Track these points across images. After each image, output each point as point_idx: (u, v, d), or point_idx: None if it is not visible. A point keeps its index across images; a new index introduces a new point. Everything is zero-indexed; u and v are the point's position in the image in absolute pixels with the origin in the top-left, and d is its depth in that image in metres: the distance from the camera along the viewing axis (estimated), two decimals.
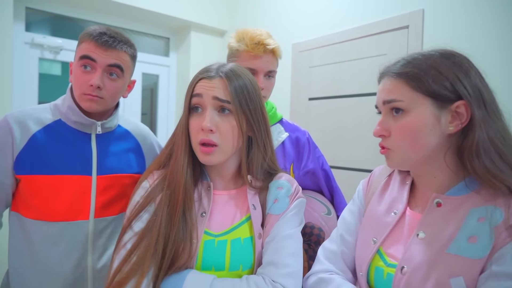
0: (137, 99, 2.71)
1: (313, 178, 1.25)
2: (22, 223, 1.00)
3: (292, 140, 1.22)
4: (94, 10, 2.44)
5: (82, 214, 1.01)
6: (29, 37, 2.19)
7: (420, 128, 0.66)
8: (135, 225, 0.78)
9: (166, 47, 2.93)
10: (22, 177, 0.98)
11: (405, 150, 0.68)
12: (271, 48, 1.12)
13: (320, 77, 2.19)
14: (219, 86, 0.78)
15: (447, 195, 0.68)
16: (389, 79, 0.71)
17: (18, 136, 0.98)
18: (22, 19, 2.18)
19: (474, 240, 0.60)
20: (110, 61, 0.99)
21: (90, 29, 1.00)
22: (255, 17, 2.65)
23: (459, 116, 0.66)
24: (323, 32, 2.17)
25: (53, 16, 2.34)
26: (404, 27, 1.77)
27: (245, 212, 0.83)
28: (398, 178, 0.81)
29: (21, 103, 2.14)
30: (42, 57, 2.25)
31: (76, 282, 1.00)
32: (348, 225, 0.83)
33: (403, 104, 0.68)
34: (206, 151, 0.78)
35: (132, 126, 1.19)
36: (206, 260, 0.77)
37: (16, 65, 2.13)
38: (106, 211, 1.05)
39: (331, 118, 2.13)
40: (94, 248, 1.03)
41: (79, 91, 1.00)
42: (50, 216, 0.99)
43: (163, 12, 2.51)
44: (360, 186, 0.89)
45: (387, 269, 0.70)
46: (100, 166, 1.05)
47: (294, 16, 2.36)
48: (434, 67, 0.67)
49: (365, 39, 1.95)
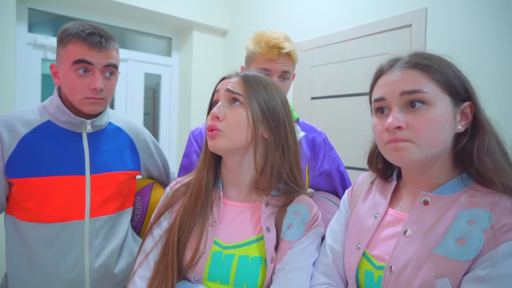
0: (139, 99, 2.71)
1: (328, 179, 1.25)
2: (16, 226, 1.00)
3: (308, 141, 1.22)
4: (96, 11, 2.44)
5: (77, 214, 1.01)
6: (32, 38, 2.20)
7: (442, 123, 0.64)
8: (155, 231, 0.84)
9: (168, 47, 2.93)
10: (14, 180, 0.98)
11: (426, 144, 0.64)
12: (286, 52, 1.13)
13: (322, 76, 2.19)
14: (234, 82, 0.82)
15: (435, 193, 0.67)
16: (406, 69, 0.67)
17: (7, 139, 0.97)
18: (24, 20, 2.19)
19: (462, 242, 0.60)
20: (106, 61, 0.99)
21: (74, 28, 0.97)
22: (257, 17, 2.65)
23: (466, 116, 0.67)
24: (326, 31, 2.16)
25: (55, 17, 2.34)
26: (406, 26, 1.76)
27: (258, 231, 0.81)
28: (380, 183, 0.81)
29: (24, 103, 2.15)
30: (45, 58, 2.26)
31: (74, 282, 1.00)
32: (335, 234, 0.82)
33: (427, 96, 0.64)
34: (210, 135, 0.80)
35: (123, 122, 1.17)
36: (212, 272, 0.77)
37: (19, 66, 2.14)
38: (101, 210, 1.05)
39: (334, 117, 2.12)
40: (91, 247, 1.03)
41: (79, 96, 0.99)
42: (44, 218, 0.98)
43: (165, 12, 2.51)
44: (345, 195, 0.89)
45: (377, 271, 0.69)
46: (93, 165, 1.05)
47: (296, 15, 2.36)
48: (448, 66, 0.67)
49: (367, 38, 1.94)
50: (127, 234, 1.12)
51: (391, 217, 0.72)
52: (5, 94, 1.91)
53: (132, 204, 1.17)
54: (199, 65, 2.79)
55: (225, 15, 2.86)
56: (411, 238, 0.66)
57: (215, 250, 0.79)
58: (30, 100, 2.20)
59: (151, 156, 1.23)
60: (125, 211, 1.12)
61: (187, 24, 2.75)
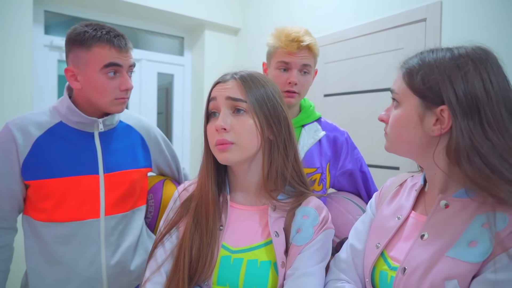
0: (152, 99, 2.74)
1: (350, 179, 1.23)
2: (33, 226, 1.02)
3: (330, 140, 1.20)
4: (110, 12, 2.48)
5: (92, 213, 1.03)
6: (48, 40, 2.25)
7: (404, 123, 0.68)
8: (166, 242, 0.83)
9: (181, 47, 2.95)
10: (30, 182, 1.00)
11: (393, 139, 0.71)
12: (305, 45, 1.11)
13: (335, 73, 2.17)
14: (232, 87, 0.78)
15: (454, 197, 0.67)
16: (399, 70, 0.72)
17: (21, 142, 0.98)
18: (41, 23, 2.24)
19: (474, 244, 0.59)
20: (130, 62, 1.03)
21: (93, 31, 0.97)
22: (269, 14, 2.64)
23: (443, 120, 0.63)
24: (338, 27, 2.14)
25: (70, 19, 2.39)
26: (421, 20, 1.73)
27: (266, 235, 0.79)
28: (409, 186, 0.80)
29: (41, 104, 2.20)
30: (61, 59, 2.30)
31: (92, 279, 1.02)
32: (359, 234, 0.82)
33: (397, 96, 0.70)
34: (221, 148, 0.76)
35: (134, 120, 1.18)
36: (221, 276, 0.77)
37: (36, 67, 2.19)
38: (116, 209, 1.07)
39: (347, 114, 2.10)
40: (107, 245, 1.05)
41: (110, 97, 1.00)
42: (60, 217, 1.00)
43: (177, 12, 2.53)
44: (372, 197, 0.89)
45: (390, 272, 0.69)
46: (106, 164, 1.06)
47: (308, 12, 2.34)
48: (430, 65, 0.65)
49: (381, 34, 1.91)
50: (142, 231, 1.14)
51: (413, 219, 0.72)
52: (24, 95, 1.96)
53: (145, 202, 1.19)
54: (211, 64, 2.80)
55: (237, 14, 2.87)
56: (428, 241, 0.66)
57: (223, 254, 0.78)
58: (47, 100, 2.24)
59: (162, 153, 1.24)
60: (138, 208, 1.14)
61: (199, 23, 2.76)
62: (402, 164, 1.81)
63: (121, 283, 1.07)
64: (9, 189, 0.99)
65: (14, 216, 1.04)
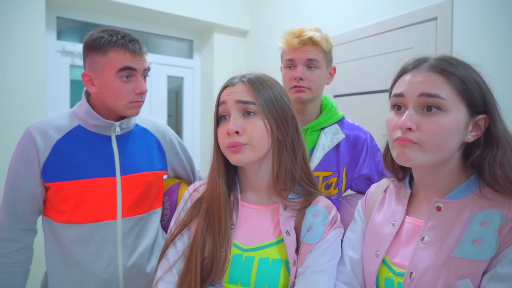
0: (163, 102, 2.76)
1: (368, 182, 1.20)
2: (52, 227, 1.04)
3: (349, 141, 1.17)
4: (120, 17, 2.51)
5: (110, 215, 1.05)
6: (61, 45, 2.29)
7: (452, 131, 0.66)
8: (178, 243, 0.84)
9: (190, 50, 2.98)
10: (50, 184, 1.02)
11: (432, 149, 0.66)
12: (306, 38, 1.09)
13: (344, 74, 2.16)
14: (242, 90, 0.79)
15: (447, 199, 0.69)
16: (430, 72, 0.67)
17: (42, 146, 1.01)
18: (53, 28, 2.28)
19: (479, 243, 0.62)
20: (145, 66, 1.04)
21: (109, 36, 1.00)
22: (277, 16, 2.64)
23: (478, 128, 0.68)
24: (347, 27, 2.13)
25: (82, 24, 2.43)
26: (432, 19, 1.71)
27: (278, 233, 0.80)
28: (393, 191, 0.82)
29: (54, 108, 2.24)
30: (73, 64, 2.34)
31: (109, 281, 1.04)
32: (353, 244, 0.82)
33: (444, 103, 0.65)
34: (234, 149, 0.78)
35: (149, 123, 1.20)
36: (233, 274, 0.78)
37: (50, 72, 2.23)
38: (133, 211, 1.08)
39: (357, 115, 2.08)
40: (123, 247, 1.06)
41: (125, 101, 1.02)
42: (79, 219, 1.02)
43: (186, 15, 2.55)
44: (358, 205, 0.89)
45: (397, 278, 0.70)
46: (123, 166, 1.08)
47: (316, 13, 2.34)
48: (473, 76, 0.67)
49: (390, 33, 1.90)
50: (158, 233, 1.15)
51: (409, 224, 0.73)
52: (37, 100, 1.99)
53: (161, 204, 1.20)
54: (220, 66, 2.82)
55: (245, 16, 2.87)
56: (429, 244, 0.67)
57: (235, 253, 0.79)
58: (60, 105, 2.28)
59: (177, 155, 1.25)
60: (155, 211, 1.15)
61: (208, 26, 2.78)
62: None
63: (137, 285, 1.08)
64: (30, 191, 1.02)
65: (34, 217, 1.07)
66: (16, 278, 1.04)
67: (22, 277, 1.05)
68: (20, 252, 1.04)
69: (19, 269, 1.04)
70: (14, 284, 1.04)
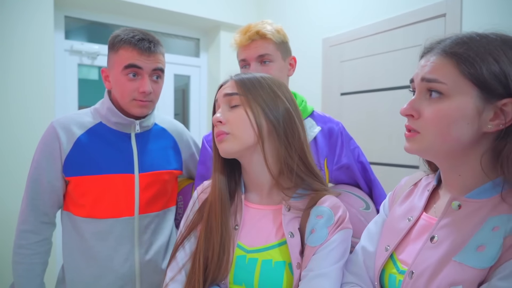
0: (169, 100, 2.77)
1: (348, 172, 1.19)
2: (73, 221, 1.06)
3: (325, 133, 1.16)
4: (127, 15, 2.52)
5: (127, 211, 1.07)
6: (69, 45, 2.30)
7: (456, 118, 0.59)
8: (186, 244, 0.85)
9: (197, 48, 2.98)
10: (71, 178, 1.04)
11: (433, 138, 0.61)
12: (253, 32, 1.07)
13: (352, 71, 2.15)
14: (229, 85, 0.82)
15: (467, 197, 0.63)
16: (436, 55, 0.62)
17: (65, 140, 1.04)
18: (61, 28, 2.29)
19: (482, 249, 0.56)
20: (154, 65, 1.04)
21: (124, 35, 1.03)
22: (284, 13, 2.64)
23: (503, 115, 0.58)
24: (354, 25, 2.12)
25: (89, 23, 2.44)
26: (440, 16, 1.69)
27: (281, 235, 0.79)
28: (422, 186, 0.76)
29: (63, 107, 2.26)
30: (80, 63, 2.36)
31: (125, 276, 1.06)
32: (371, 236, 0.79)
33: (444, 87, 0.59)
34: (219, 139, 0.80)
35: (168, 124, 1.23)
36: (237, 276, 0.77)
37: (58, 71, 2.25)
38: (149, 208, 1.10)
39: (365, 113, 2.08)
40: (140, 243, 1.08)
41: (128, 98, 1.04)
42: (99, 214, 1.04)
43: (192, 14, 2.55)
44: (386, 198, 0.86)
45: (399, 276, 0.66)
46: (141, 164, 1.10)
47: (323, 10, 2.32)
48: (491, 53, 0.58)
49: (398, 30, 1.88)
50: (172, 231, 1.18)
51: (423, 221, 0.69)
52: (46, 99, 2.01)
53: (175, 203, 1.22)
54: (227, 65, 2.82)
55: (252, 14, 2.87)
56: (437, 244, 0.62)
57: (238, 254, 0.79)
58: (68, 103, 2.30)
59: (192, 156, 1.27)
60: (169, 209, 1.18)
61: (214, 24, 2.78)
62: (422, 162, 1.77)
63: (153, 281, 1.10)
64: (51, 184, 1.04)
65: (54, 211, 1.10)
66: (36, 269, 1.07)
67: (41, 268, 1.08)
68: (40, 244, 1.07)
69: (38, 260, 1.07)
70: (33, 275, 1.06)
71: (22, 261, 1.05)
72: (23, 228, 1.05)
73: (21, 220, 1.06)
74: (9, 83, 1.91)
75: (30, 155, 1.10)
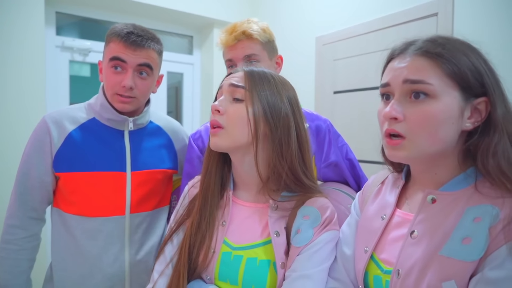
0: (162, 98, 2.76)
1: (336, 169, 1.19)
2: (63, 218, 1.04)
3: (313, 131, 1.16)
4: (119, 12, 2.50)
5: (118, 210, 1.05)
6: (60, 41, 2.27)
7: (444, 119, 0.59)
8: (175, 238, 0.85)
9: (190, 46, 2.97)
10: (61, 174, 1.02)
11: (422, 142, 0.60)
12: (239, 32, 1.05)
13: (345, 70, 2.15)
14: (239, 77, 0.79)
15: (441, 190, 0.63)
16: (416, 56, 0.62)
17: (56, 135, 1.02)
18: (52, 24, 2.26)
19: (468, 241, 0.56)
20: (139, 60, 1.01)
21: (117, 28, 1.01)
22: (277, 11, 2.63)
23: (479, 113, 0.60)
24: (347, 24, 2.13)
25: (81, 19, 2.41)
26: (432, 15, 1.70)
27: (267, 234, 0.78)
28: (390, 183, 0.77)
29: (54, 104, 2.23)
30: (72, 60, 2.33)
31: (115, 276, 1.04)
32: (346, 239, 0.78)
33: (431, 88, 0.59)
34: (212, 132, 0.78)
35: (163, 121, 1.20)
36: (222, 272, 0.77)
37: (49, 68, 2.22)
38: (141, 207, 1.08)
39: (357, 112, 2.09)
40: (131, 243, 1.06)
41: (111, 92, 1.02)
42: (89, 212, 1.03)
43: (186, 11, 2.54)
44: (356, 198, 0.85)
45: (384, 276, 0.66)
46: (134, 162, 1.08)
47: (317, 9, 2.33)
48: (466, 54, 0.60)
49: (391, 29, 1.89)
50: (164, 231, 1.15)
51: (398, 218, 0.69)
52: (37, 95, 1.99)
53: (169, 203, 1.20)
54: (220, 62, 2.78)
55: (246, 12, 2.86)
56: (418, 239, 0.62)
57: (224, 250, 0.78)
58: (59, 100, 2.28)
59: None
60: (162, 208, 1.16)
61: (208, 22, 2.77)
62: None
63: (143, 282, 1.08)
64: (40, 179, 1.03)
65: (43, 206, 1.08)
66: (22, 265, 1.05)
67: (27, 265, 1.06)
68: (27, 240, 1.05)
69: (25, 256, 1.05)
70: (19, 271, 1.04)
71: (8, 257, 1.03)
72: (10, 223, 1.03)
73: (8, 214, 1.04)
74: None
75: (20, 152, 1.08)
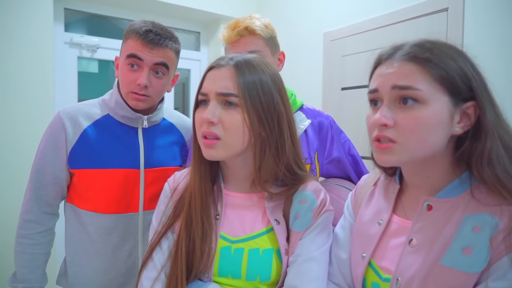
0: (169, 94, 2.76)
1: (339, 165, 1.19)
2: (77, 214, 1.05)
3: (315, 127, 1.16)
4: (127, 8, 2.50)
5: (132, 207, 1.06)
6: (68, 37, 2.29)
7: (434, 124, 0.59)
8: (164, 243, 0.80)
9: (197, 42, 2.96)
10: (75, 171, 1.03)
11: (413, 147, 0.60)
12: (242, 28, 1.05)
13: (353, 66, 2.14)
14: (226, 77, 0.72)
15: (438, 197, 0.63)
16: (403, 62, 0.61)
17: (71, 131, 1.02)
18: (61, 20, 2.27)
19: (469, 252, 0.56)
20: (156, 59, 1.00)
21: (136, 25, 1.01)
22: (285, 7, 2.62)
23: (468, 117, 0.61)
24: (356, 19, 2.11)
25: (89, 16, 2.42)
26: (443, 10, 1.68)
27: (266, 222, 0.77)
28: (383, 185, 0.76)
29: (62, 100, 2.25)
30: (80, 56, 2.34)
31: (128, 272, 1.06)
32: (341, 242, 0.78)
33: (420, 94, 0.59)
34: (208, 143, 0.72)
35: (176, 119, 1.21)
36: (222, 267, 0.75)
37: (57, 64, 2.23)
38: (153, 204, 1.07)
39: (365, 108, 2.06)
40: (144, 239, 1.07)
41: (126, 89, 1.02)
42: (103, 208, 1.03)
43: (193, 7, 2.54)
44: (348, 199, 0.84)
45: (383, 284, 0.66)
46: (147, 160, 1.08)
47: (324, 4, 2.31)
48: (453, 58, 0.60)
49: (400, 25, 1.87)
50: None
51: (396, 224, 0.69)
52: (45, 91, 2.00)
53: None
54: None
55: (252, 7, 2.85)
56: (417, 247, 0.62)
57: (223, 245, 0.76)
58: (68, 96, 2.29)
59: None
60: None
61: (215, 18, 2.76)
62: None
63: None
64: (55, 175, 1.04)
65: (57, 202, 1.09)
66: (38, 260, 1.06)
67: (43, 259, 1.08)
68: (42, 235, 1.06)
69: (41, 251, 1.06)
70: (36, 265, 1.06)
71: (25, 251, 1.04)
72: (26, 218, 1.05)
73: (24, 209, 1.05)
74: (8, 76, 1.89)
75: (29, 148, 1.09)
